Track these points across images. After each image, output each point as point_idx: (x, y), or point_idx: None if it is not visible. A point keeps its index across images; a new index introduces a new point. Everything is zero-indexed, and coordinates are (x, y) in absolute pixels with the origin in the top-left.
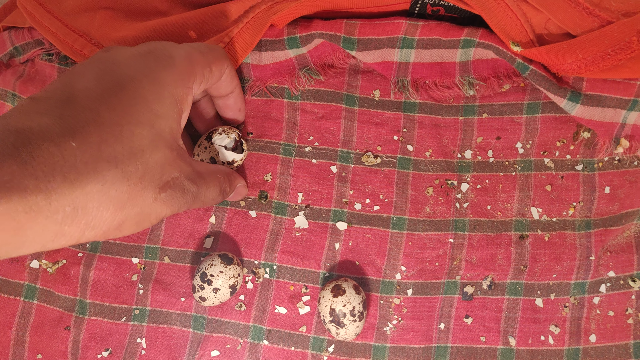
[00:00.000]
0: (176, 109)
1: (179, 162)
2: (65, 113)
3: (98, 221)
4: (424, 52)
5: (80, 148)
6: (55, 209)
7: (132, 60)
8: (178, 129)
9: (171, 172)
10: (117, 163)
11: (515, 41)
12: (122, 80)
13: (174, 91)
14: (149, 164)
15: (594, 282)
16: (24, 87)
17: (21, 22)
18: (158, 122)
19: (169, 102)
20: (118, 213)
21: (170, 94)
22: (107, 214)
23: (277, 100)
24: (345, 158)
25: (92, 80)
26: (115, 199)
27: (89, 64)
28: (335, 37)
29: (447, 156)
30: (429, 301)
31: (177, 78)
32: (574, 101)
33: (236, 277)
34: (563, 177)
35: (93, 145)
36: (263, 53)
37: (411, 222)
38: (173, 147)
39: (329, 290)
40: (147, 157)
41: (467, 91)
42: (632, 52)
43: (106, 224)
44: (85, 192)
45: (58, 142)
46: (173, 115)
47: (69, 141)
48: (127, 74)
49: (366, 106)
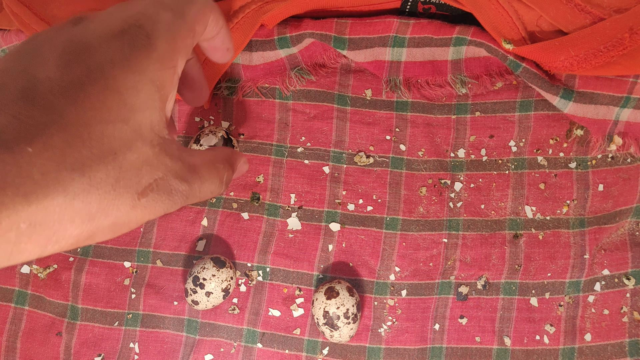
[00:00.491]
0: (157, 96)
1: (163, 159)
2: (23, 111)
3: (62, 235)
4: (415, 50)
5: (39, 155)
6: (7, 227)
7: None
8: (161, 119)
9: (153, 173)
10: (83, 170)
11: (507, 39)
12: (91, 70)
13: (154, 76)
14: (122, 168)
15: (589, 281)
16: None
17: (8, 25)
18: (134, 117)
19: (148, 91)
20: (86, 225)
21: (150, 81)
22: (72, 228)
23: (269, 101)
24: (337, 158)
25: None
26: (82, 210)
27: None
28: (326, 36)
29: (440, 155)
30: (423, 302)
31: (157, 60)
32: (567, 99)
33: (229, 280)
34: (556, 175)
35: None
36: (254, 53)
37: (405, 222)
38: (154, 143)
39: (323, 293)
40: (120, 160)
41: (459, 89)
42: (624, 48)
43: (72, 237)
44: (44, 206)
45: (11, 147)
46: (153, 104)
47: (24, 147)
48: (97, 61)
49: (358, 106)
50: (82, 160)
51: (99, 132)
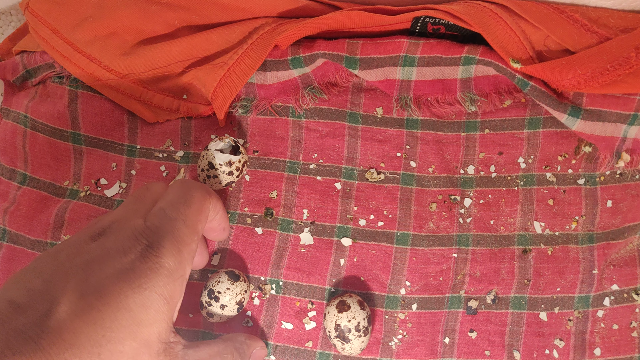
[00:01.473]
0: (166, 308)
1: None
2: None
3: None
4: (425, 69)
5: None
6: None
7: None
8: (168, 327)
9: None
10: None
11: (515, 58)
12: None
13: (163, 290)
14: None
15: (598, 296)
16: (36, 109)
17: (33, 47)
18: (142, 331)
19: (157, 305)
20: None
21: (159, 295)
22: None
23: (282, 119)
24: (349, 175)
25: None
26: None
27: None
28: (338, 56)
29: (450, 172)
30: (433, 316)
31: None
32: (575, 116)
33: (243, 293)
34: (565, 191)
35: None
36: (267, 73)
37: (415, 237)
38: (160, 350)
39: (334, 306)
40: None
41: (468, 107)
42: (630, 67)
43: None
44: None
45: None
46: (162, 317)
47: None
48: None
49: (369, 123)
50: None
51: (109, 351)
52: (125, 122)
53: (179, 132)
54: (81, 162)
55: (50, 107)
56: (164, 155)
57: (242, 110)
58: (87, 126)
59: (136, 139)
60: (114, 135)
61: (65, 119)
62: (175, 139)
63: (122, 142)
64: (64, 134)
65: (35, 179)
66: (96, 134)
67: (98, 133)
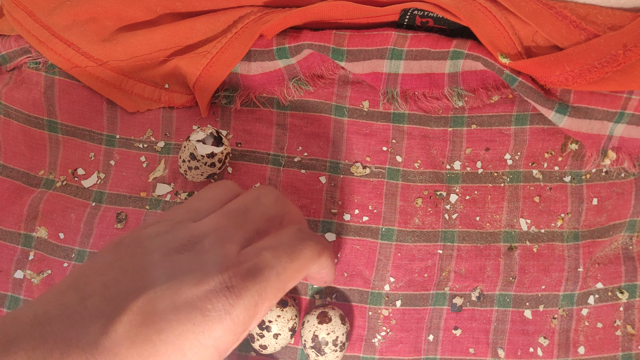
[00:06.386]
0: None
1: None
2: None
3: None
4: (413, 63)
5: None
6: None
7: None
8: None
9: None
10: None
11: (504, 53)
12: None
13: (219, 343)
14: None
15: (583, 294)
16: (10, 95)
17: (8, 30)
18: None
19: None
20: None
21: (214, 347)
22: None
23: (266, 111)
24: (334, 169)
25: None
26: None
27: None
28: (325, 47)
29: (436, 167)
30: (417, 312)
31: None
32: (562, 113)
33: (294, 318)
34: (551, 188)
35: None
36: (252, 63)
37: (400, 233)
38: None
39: (315, 316)
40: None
41: (456, 102)
42: (618, 65)
43: None
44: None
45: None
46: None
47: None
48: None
49: (355, 117)
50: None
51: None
52: (104, 111)
53: (160, 122)
54: (57, 151)
55: (25, 93)
56: (144, 145)
57: (226, 101)
58: (64, 114)
59: (115, 128)
60: (92, 124)
61: (41, 107)
62: (156, 129)
63: (101, 131)
64: (39, 121)
65: (8, 167)
66: (73, 123)
67: (75, 121)
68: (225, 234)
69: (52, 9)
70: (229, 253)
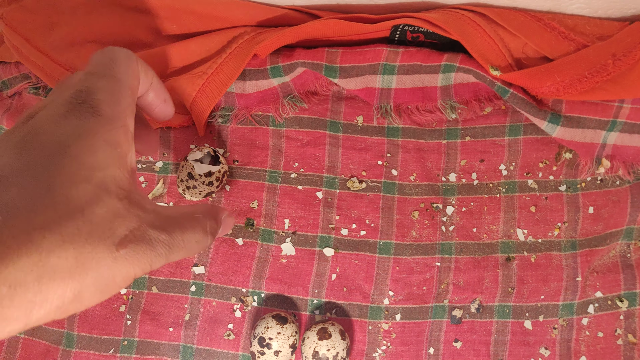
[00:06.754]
0: (115, 153)
1: (133, 210)
2: None
3: (44, 296)
4: (405, 77)
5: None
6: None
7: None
8: (123, 175)
9: (126, 224)
10: (52, 228)
11: (494, 65)
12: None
13: (107, 137)
14: (93, 222)
15: (582, 303)
16: (12, 121)
17: (8, 57)
18: (95, 175)
19: (104, 151)
20: (68, 282)
21: (104, 141)
22: (54, 286)
23: (262, 128)
24: (330, 184)
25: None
26: (60, 267)
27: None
28: (318, 65)
29: (432, 180)
30: (417, 326)
31: (106, 123)
32: (555, 123)
33: (294, 335)
34: (547, 197)
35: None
36: (247, 82)
37: (398, 246)
38: (122, 196)
39: (315, 332)
40: (89, 214)
41: (449, 115)
42: (608, 74)
43: (57, 298)
44: (20, 266)
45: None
46: (113, 162)
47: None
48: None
49: (350, 132)
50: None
51: (63, 195)
52: None
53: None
54: None
55: None
56: (142, 165)
57: (222, 120)
58: None
59: None
60: None
61: None
62: None
63: None
64: None
65: None
66: None
67: None
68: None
69: (49, 34)
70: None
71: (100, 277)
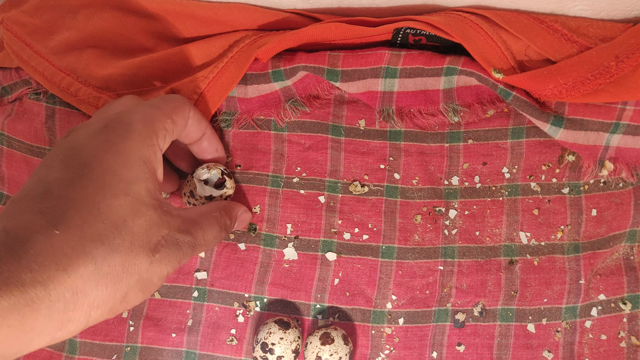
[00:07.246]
0: (147, 169)
1: (165, 218)
2: (44, 206)
3: (100, 300)
4: (407, 81)
5: (65, 234)
6: (56, 298)
7: (91, 140)
8: (155, 187)
9: (160, 231)
10: (102, 239)
11: (497, 68)
12: (87, 161)
13: (140, 154)
14: (134, 231)
15: (585, 306)
16: (12, 126)
17: (8, 63)
18: (132, 188)
19: (138, 166)
20: (117, 286)
21: (138, 158)
22: (107, 291)
23: (264, 133)
24: (332, 188)
25: (60, 169)
26: (110, 274)
27: (54, 155)
28: (319, 69)
29: (434, 183)
30: (420, 330)
31: (138, 141)
32: (557, 125)
33: (297, 340)
34: (550, 200)
35: (75, 228)
36: (248, 86)
37: (400, 250)
38: (155, 206)
39: (318, 337)
40: (131, 225)
41: (451, 118)
42: (611, 76)
43: (110, 300)
44: (80, 274)
45: (44, 232)
46: (145, 176)
47: (52, 230)
48: (90, 154)
49: (352, 136)
50: (99, 232)
51: (107, 207)
52: None
53: None
54: None
55: (27, 124)
56: None
57: (224, 124)
58: None
59: None
60: None
61: (43, 136)
62: None
63: None
64: (41, 151)
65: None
66: None
67: None
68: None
69: (49, 39)
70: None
71: (141, 280)
